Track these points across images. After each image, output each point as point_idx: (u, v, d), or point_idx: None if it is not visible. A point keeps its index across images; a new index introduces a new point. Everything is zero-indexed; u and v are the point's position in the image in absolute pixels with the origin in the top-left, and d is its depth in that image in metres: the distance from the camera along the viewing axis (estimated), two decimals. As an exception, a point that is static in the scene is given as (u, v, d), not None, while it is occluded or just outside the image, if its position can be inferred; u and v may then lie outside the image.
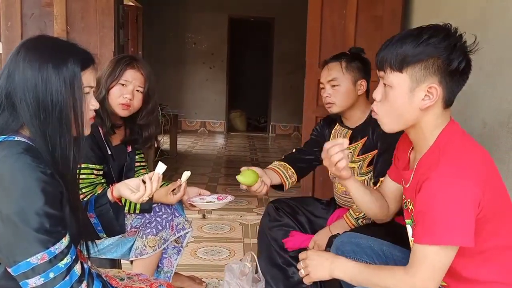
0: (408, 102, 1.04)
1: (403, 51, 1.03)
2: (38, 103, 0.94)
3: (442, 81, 1.02)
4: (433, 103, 1.03)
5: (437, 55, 1.01)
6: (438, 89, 1.02)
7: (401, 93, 1.04)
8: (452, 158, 1.01)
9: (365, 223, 1.67)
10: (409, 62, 1.02)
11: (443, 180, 0.97)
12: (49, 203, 0.90)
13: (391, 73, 1.05)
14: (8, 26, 2.81)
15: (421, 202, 1.01)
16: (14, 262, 0.89)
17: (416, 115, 1.06)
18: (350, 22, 2.87)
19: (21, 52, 0.96)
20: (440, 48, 1.01)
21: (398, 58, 1.03)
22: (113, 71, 1.69)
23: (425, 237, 1.00)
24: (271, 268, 1.81)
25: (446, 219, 0.97)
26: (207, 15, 7.19)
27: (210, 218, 3.17)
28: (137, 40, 5.63)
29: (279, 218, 1.86)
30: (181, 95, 7.29)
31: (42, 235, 0.89)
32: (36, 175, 0.89)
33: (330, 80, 1.75)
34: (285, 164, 1.84)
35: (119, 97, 1.68)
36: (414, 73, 1.03)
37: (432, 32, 1.03)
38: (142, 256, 1.72)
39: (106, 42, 2.86)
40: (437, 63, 1.01)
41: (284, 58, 7.13)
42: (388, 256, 1.33)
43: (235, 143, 6.78)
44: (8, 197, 0.88)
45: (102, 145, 1.70)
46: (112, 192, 1.26)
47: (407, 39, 1.03)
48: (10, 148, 0.92)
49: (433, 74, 1.02)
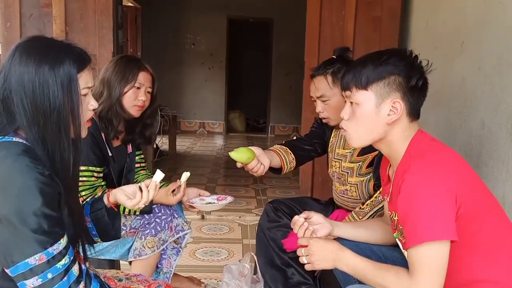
0: (375, 117, 1.13)
1: (366, 71, 1.13)
2: (36, 108, 0.94)
3: (404, 96, 1.12)
4: (398, 117, 1.12)
5: (397, 73, 1.11)
6: (401, 104, 1.11)
7: (368, 109, 1.13)
8: (422, 159, 1.07)
9: None
10: (373, 80, 1.12)
11: (416, 179, 1.03)
12: (47, 204, 0.90)
13: (357, 91, 1.14)
14: (7, 26, 2.81)
15: (402, 204, 1.06)
16: (12, 262, 0.89)
17: (384, 130, 1.14)
18: (349, 23, 2.88)
19: (16, 55, 0.95)
20: (399, 66, 1.11)
21: (362, 77, 1.13)
22: (125, 75, 1.70)
23: (412, 240, 1.03)
24: (270, 269, 1.81)
25: (426, 216, 1.00)
26: (206, 16, 7.19)
27: (209, 219, 3.16)
28: (136, 40, 5.63)
29: (277, 218, 1.85)
30: (180, 95, 7.29)
31: (40, 236, 0.89)
32: (34, 176, 0.89)
33: (319, 97, 1.71)
34: (286, 149, 1.83)
35: (134, 100, 1.71)
36: (378, 89, 1.12)
37: (391, 53, 1.14)
38: (140, 257, 1.72)
39: (105, 42, 2.86)
40: (398, 80, 1.11)
41: (283, 59, 7.14)
42: (387, 257, 1.33)
43: (234, 143, 6.77)
44: (6, 198, 0.88)
45: (103, 146, 1.70)
46: (108, 197, 1.26)
47: (368, 61, 1.14)
48: (8, 149, 0.92)
49: (395, 90, 1.11)
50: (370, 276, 1.10)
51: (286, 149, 1.82)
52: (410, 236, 1.03)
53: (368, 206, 1.64)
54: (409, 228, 1.04)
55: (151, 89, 1.77)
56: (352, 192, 1.76)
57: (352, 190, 1.76)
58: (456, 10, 2.13)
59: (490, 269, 1.07)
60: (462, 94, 1.97)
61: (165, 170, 1.33)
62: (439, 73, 2.28)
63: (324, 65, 1.72)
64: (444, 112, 2.16)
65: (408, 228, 1.04)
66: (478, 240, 1.07)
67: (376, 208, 1.62)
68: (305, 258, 1.22)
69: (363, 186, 1.73)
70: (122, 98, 1.70)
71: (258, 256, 1.85)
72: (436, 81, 2.31)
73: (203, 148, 6.30)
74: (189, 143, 6.57)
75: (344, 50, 1.76)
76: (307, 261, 1.22)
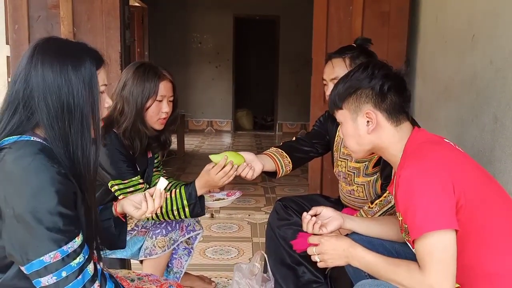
0: (356, 131, 1.21)
1: (337, 91, 1.24)
2: (61, 105, 0.96)
3: (375, 105, 1.18)
4: (376, 126, 1.18)
5: (361, 86, 1.19)
6: (374, 113, 1.17)
7: (349, 126, 1.23)
8: (414, 155, 1.11)
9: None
10: (343, 99, 1.22)
11: (409, 174, 1.05)
12: (63, 203, 0.91)
13: (337, 112, 1.25)
14: (15, 29, 2.83)
15: (400, 200, 1.08)
16: (27, 260, 0.90)
17: (369, 140, 1.20)
18: (357, 19, 2.85)
19: (37, 55, 0.96)
20: (361, 80, 1.19)
21: (336, 98, 1.24)
22: (145, 88, 1.58)
23: (413, 233, 1.03)
24: (280, 267, 1.80)
25: (421, 208, 1.02)
26: (212, 14, 7.19)
27: (218, 217, 3.16)
28: (143, 40, 5.64)
29: (287, 216, 1.84)
30: (187, 94, 7.30)
31: (55, 234, 0.90)
32: (50, 174, 0.90)
33: (333, 78, 1.67)
34: (282, 152, 1.80)
35: (158, 113, 1.62)
36: (349, 105, 1.21)
37: (356, 69, 1.23)
38: (151, 256, 1.72)
39: (112, 43, 2.87)
40: (364, 93, 1.18)
41: (290, 56, 7.11)
42: (400, 253, 1.32)
43: (242, 142, 6.77)
44: (21, 196, 0.89)
45: (133, 160, 1.68)
46: (116, 207, 1.27)
47: (340, 81, 1.24)
48: (26, 148, 0.93)
49: (364, 102, 1.19)
50: (382, 271, 1.10)
51: (282, 153, 1.80)
52: (411, 230, 1.04)
53: (377, 205, 1.62)
54: (409, 223, 1.05)
55: (172, 97, 1.67)
56: (359, 192, 1.74)
57: (359, 191, 1.74)
58: (466, 3, 2.10)
59: (502, 261, 1.06)
60: (474, 89, 1.94)
61: (174, 169, 1.33)
62: (450, 67, 2.25)
63: (343, 49, 1.72)
64: (455, 107, 2.13)
65: (408, 223, 1.06)
66: (487, 232, 1.06)
67: (385, 208, 1.60)
68: (317, 256, 1.22)
69: (370, 187, 1.71)
70: (145, 115, 1.60)
71: (268, 254, 1.84)
72: (447, 76, 2.28)
73: (211, 146, 6.31)
74: (197, 142, 6.58)
75: (365, 40, 1.76)
76: (320, 259, 1.21)
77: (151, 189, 1.26)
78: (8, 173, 0.90)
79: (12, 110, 0.96)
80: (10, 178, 0.89)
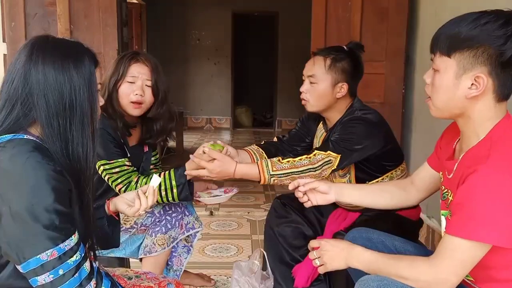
0: (453, 89, 1.01)
1: (454, 34, 0.99)
2: (62, 103, 0.96)
3: (491, 72, 0.97)
4: (479, 94, 0.99)
5: (488, 44, 0.96)
6: (485, 80, 0.97)
7: (447, 79, 1.02)
8: (504, 153, 0.96)
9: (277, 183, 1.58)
10: (457, 48, 0.99)
11: (491, 174, 0.94)
12: (59, 200, 0.90)
13: (440, 57, 1.02)
14: (12, 26, 2.81)
15: (463, 194, 0.98)
16: (24, 259, 0.89)
17: (462, 104, 1.02)
18: (355, 15, 2.84)
19: (37, 52, 0.96)
20: (493, 37, 0.95)
21: (447, 42, 1.00)
22: (117, 69, 1.63)
23: (460, 230, 0.96)
24: (280, 265, 1.79)
25: (486, 214, 0.93)
26: (211, 11, 7.16)
27: (218, 215, 3.16)
28: (141, 37, 5.62)
29: (286, 214, 1.83)
30: (186, 92, 7.29)
31: (51, 232, 0.89)
32: (46, 172, 0.90)
33: (310, 76, 1.65)
34: (262, 152, 1.79)
35: (128, 95, 1.61)
36: (462, 59, 0.99)
37: (492, 17, 0.97)
38: (151, 254, 1.72)
39: (109, 40, 2.85)
40: (487, 52, 0.96)
41: (289, 53, 7.09)
42: (400, 251, 1.31)
43: (241, 139, 6.77)
44: (18, 194, 0.88)
45: (120, 142, 1.68)
46: (109, 206, 1.26)
47: (463, 22, 0.99)
48: (20, 146, 0.92)
49: (482, 63, 0.97)
50: (383, 267, 1.07)
51: (262, 153, 1.79)
52: (459, 226, 0.96)
53: (290, 163, 1.53)
54: (462, 218, 0.96)
55: (149, 82, 1.63)
56: None
57: None
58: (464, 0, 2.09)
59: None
60: None
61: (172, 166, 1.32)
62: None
63: (330, 48, 1.69)
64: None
65: (459, 218, 0.97)
66: None
67: (299, 168, 1.52)
68: (317, 260, 1.20)
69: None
70: (118, 96, 1.62)
71: (267, 252, 1.84)
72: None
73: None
74: (196, 139, 6.57)
75: (358, 46, 1.70)
76: (320, 262, 1.20)
77: (144, 187, 1.25)
78: (4, 171, 0.90)
79: (10, 107, 0.96)
80: (6, 176, 0.89)
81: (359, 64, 1.68)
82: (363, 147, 1.56)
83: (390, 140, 1.64)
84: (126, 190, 1.59)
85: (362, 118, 1.61)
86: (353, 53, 1.67)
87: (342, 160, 1.54)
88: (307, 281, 1.73)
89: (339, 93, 1.64)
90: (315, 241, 1.24)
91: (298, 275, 1.74)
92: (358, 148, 1.55)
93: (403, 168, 1.72)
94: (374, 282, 1.05)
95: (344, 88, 1.64)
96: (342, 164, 1.55)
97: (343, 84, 1.64)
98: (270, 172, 1.51)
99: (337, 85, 1.64)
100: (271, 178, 1.52)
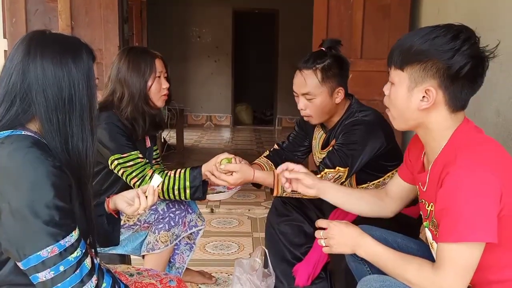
0: (406, 102, 1.06)
1: (406, 48, 1.03)
2: (61, 98, 0.95)
3: (441, 85, 1.01)
4: (430, 106, 1.03)
5: (437, 58, 1.00)
6: (434, 93, 1.02)
7: (400, 92, 1.06)
8: (469, 151, 0.99)
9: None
10: (409, 62, 1.03)
11: (463, 172, 0.96)
12: (59, 196, 0.90)
13: (394, 70, 1.07)
14: (12, 22, 2.81)
15: (443, 198, 0.99)
16: (24, 255, 0.89)
17: (417, 115, 1.06)
18: (357, 12, 2.83)
19: (35, 48, 0.95)
20: (441, 51, 0.99)
21: (400, 56, 1.04)
22: (141, 68, 1.63)
23: (449, 236, 0.97)
24: (281, 263, 1.79)
25: (469, 215, 0.95)
26: (211, 8, 7.14)
27: (218, 212, 3.16)
28: (141, 34, 5.60)
29: (286, 212, 1.83)
30: (186, 89, 7.28)
31: (52, 228, 0.89)
32: (45, 168, 0.89)
33: (305, 93, 1.60)
34: (271, 165, 1.80)
35: (160, 90, 1.68)
36: (413, 73, 1.03)
37: (442, 32, 1.01)
38: (153, 251, 1.72)
39: (110, 36, 2.85)
40: (436, 66, 1.00)
41: (289, 50, 7.07)
42: (402, 248, 1.30)
43: (241, 136, 6.76)
44: (18, 190, 0.88)
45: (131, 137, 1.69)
46: (109, 204, 1.26)
47: (416, 36, 1.03)
48: (18, 142, 0.92)
49: (431, 77, 1.01)
50: (391, 266, 1.06)
51: (271, 165, 1.80)
52: (447, 232, 0.98)
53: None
54: (448, 224, 0.98)
55: (166, 73, 1.73)
56: None
57: None
58: (468, -4, 2.08)
59: None
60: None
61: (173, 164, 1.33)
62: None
63: (313, 58, 1.60)
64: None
65: (446, 224, 0.99)
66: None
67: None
68: (323, 241, 1.19)
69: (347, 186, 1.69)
70: (149, 93, 1.65)
71: (268, 250, 1.83)
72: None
73: (211, 141, 6.29)
74: (196, 136, 6.57)
75: (335, 42, 1.63)
76: (325, 243, 1.19)
77: (144, 186, 1.25)
78: (2, 168, 0.89)
79: (9, 103, 0.96)
80: (5, 172, 0.89)
81: (343, 61, 1.64)
82: (368, 152, 1.56)
83: (391, 140, 1.64)
84: (140, 184, 1.59)
85: (362, 122, 1.59)
86: (335, 53, 1.63)
87: (350, 171, 1.55)
88: (307, 280, 1.73)
89: (337, 98, 1.63)
90: (324, 221, 1.21)
91: (298, 274, 1.74)
92: (363, 154, 1.55)
93: None
94: (376, 283, 1.04)
95: (341, 92, 1.62)
96: (351, 174, 1.57)
97: (339, 89, 1.61)
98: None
99: (334, 92, 1.61)
100: (284, 192, 1.55)
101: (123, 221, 1.69)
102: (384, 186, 1.54)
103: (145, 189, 1.23)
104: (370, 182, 1.65)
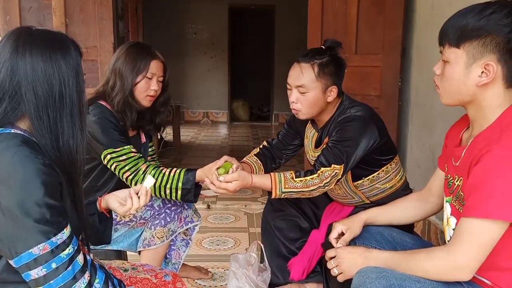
0: (463, 78, 1.05)
1: (462, 25, 1.03)
2: (52, 95, 0.94)
3: (500, 59, 1.01)
4: (489, 81, 1.02)
5: (496, 32, 0.99)
6: (495, 67, 1.01)
7: (457, 69, 1.05)
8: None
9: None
10: (466, 38, 1.02)
11: (505, 152, 0.96)
12: (49, 194, 0.90)
13: (449, 48, 1.06)
14: (6, 20, 2.80)
15: (478, 174, 0.99)
16: (16, 253, 0.89)
17: (473, 92, 1.05)
18: (352, 7, 2.83)
19: (23, 44, 0.94)
20: (500, 25, 0.99)
21: (456, 34, 1.04)
22: (136, 64, 1.65)
23: (476, 210, 0.97)
24: (277, 258, 1.80)
25: (502, 193, 0.94)
26: (207, 4, 7.12)
27: (215, 208, 3.17)
28: (137, 31, 5.58)
29: (282, 207, 1.84)
30: (183, 86, 7.27)
31: (43, 226, 0.89)
32: (35, 166, 0.89)
33: (299, 86, 1.60)
34: (260, 165, 1.81)
35: (146, 90, 1.68)
36: (471, 49, 1.02)
37: (497, 7, 1.01)
38: (149, 247, 1.72)
39: (105, 33, 2.84)
40: (495, 41, 1.00)
41: (285, 46, 7.07)
42: (398, 242, 1.32)
43: (238, 132, 6.77)
44: (8, 189, 0.87)
45: (125, 132, 1.70)
46: (100, 203, 1.25)
47: (470, 14, 1.02)
48: (8, 141, 0.91)
49: (491, 51, 1.01)
50: (404, 263, 1.07)
51: (260, 165, 1.80)
52: (475, 207, 0.98)
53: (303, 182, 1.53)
54: (478, 199, 0.97)
55: (162, 77, 1.73)
56: (337, 190, 1.72)
57: (336, 189, 1.71)
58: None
59: None
60: None
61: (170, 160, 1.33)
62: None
63: (313, 53, 1.61)
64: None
65: (475, 199, 0.98)
66: None
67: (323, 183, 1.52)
68: (335, 269, 1.20)
69: (343, 184, 1.69)
70: (134, 89, 1.66)
71: (264, 245, 1.84)
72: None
73: (207, 138, 6.29)
74: (193, 133, 6.57)
75: (336, 43, 1.65)
76: (338, 271, 1.20)
77: (137, 186, 1.24)
78: None
79: None
80: None
81: (341, 62, 1.65)
82: (362, 147, 1.55)
83: (384, 134, 1.64)
84: (133, 178, 1.60)
85: (354, 118, 1.59)
86: (334, 53, 1.64)
87: (346, 168, 1.55)
88: (302, 274, 1.74)
89: (330, 97, 1.62)
90: (332, 251, 1.24)
91: (293, 268, 1.76)
92: (357, 150, 1.55)
93: (397, 161, 1.72)
94: (373, 274, 1.05)
95: (334, 91, 1.62)
96: (346, 171, 1.56)
97: (332, 88, 1.61)
98: (282, 190, 1.54)
99: (327, 90, 1.61)
100: (282, 194, 1.54)
101: (119, 218, 1.70)
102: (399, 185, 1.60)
103: (137, 190, 1.23)
104: (365, 178, 1.65)
